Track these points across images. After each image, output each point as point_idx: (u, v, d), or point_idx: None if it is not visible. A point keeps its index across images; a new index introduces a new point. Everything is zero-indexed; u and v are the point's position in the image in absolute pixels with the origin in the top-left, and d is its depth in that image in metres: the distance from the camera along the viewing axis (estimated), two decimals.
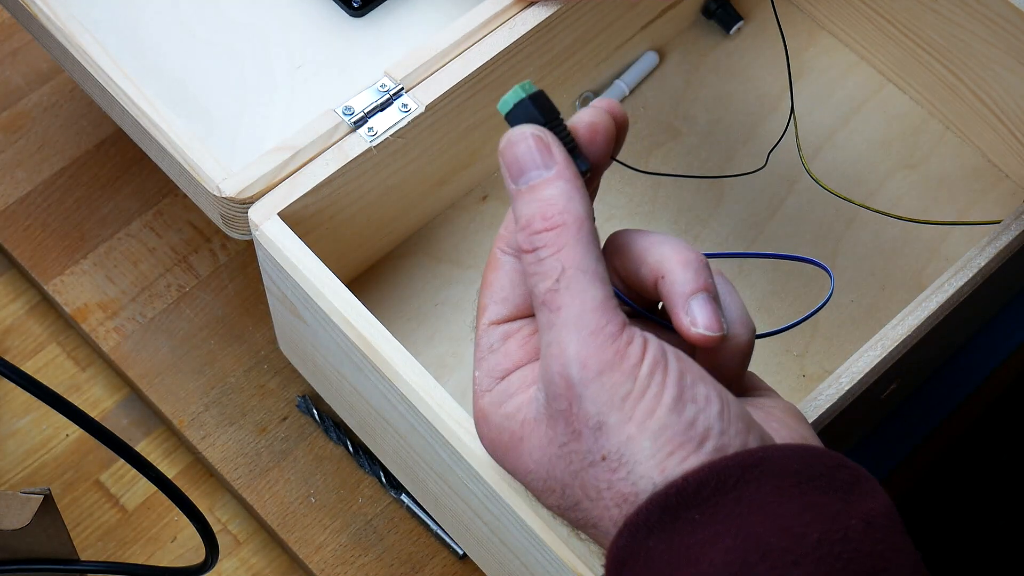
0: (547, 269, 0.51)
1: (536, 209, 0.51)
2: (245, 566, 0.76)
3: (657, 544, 0.48)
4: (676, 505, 0.48)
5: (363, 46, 0.75)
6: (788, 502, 0.48)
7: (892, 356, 0.65)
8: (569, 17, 0.75)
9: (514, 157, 0.52)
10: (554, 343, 0.50)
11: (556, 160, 0.52)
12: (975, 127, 0.83)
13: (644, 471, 0.49)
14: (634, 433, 0.49)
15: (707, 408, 0.49)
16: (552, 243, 0.51)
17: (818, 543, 0.47)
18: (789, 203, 0.82)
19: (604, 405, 0.49)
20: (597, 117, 0.54)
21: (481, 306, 0.55)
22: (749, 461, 0.48)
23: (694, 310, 0.52)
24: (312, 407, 0.78)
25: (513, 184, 0.52)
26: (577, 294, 0.50)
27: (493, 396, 0.53)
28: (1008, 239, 0.68)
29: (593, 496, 0.50)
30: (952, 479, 0.98)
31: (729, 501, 0.48)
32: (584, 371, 0.49)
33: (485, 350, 0.54)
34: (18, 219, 0.83)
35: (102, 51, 0.70)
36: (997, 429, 0.97)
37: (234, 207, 0.67)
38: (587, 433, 0.49)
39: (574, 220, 0.51)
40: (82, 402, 0.80)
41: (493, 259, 0.55)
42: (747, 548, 0.47)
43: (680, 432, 0.49)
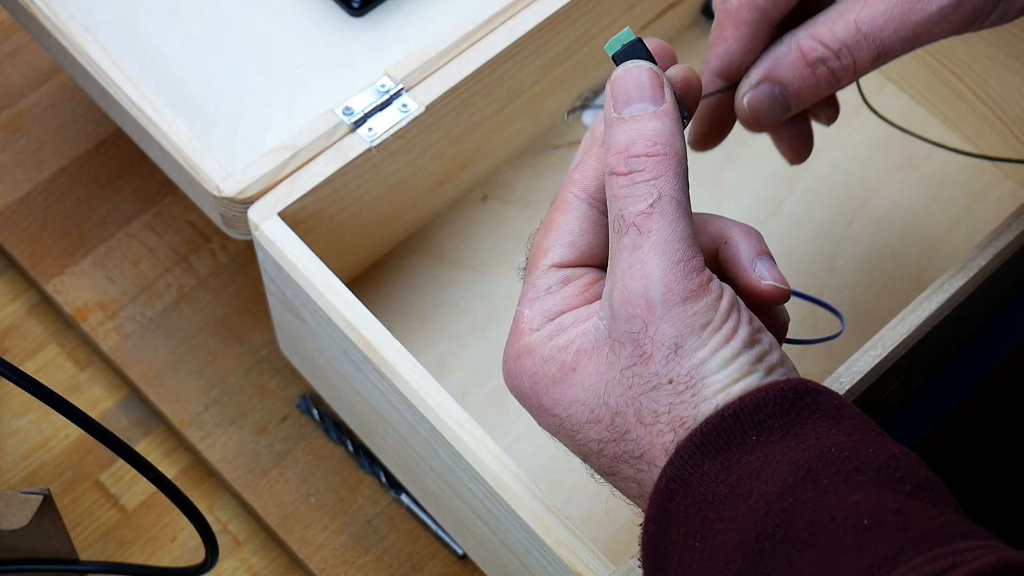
0: (642, 192, 0.51)
1: (640, 135, 0.52)
2: (245, 566, 0.76)
3: (712, 466, 0.48)
4: (732, 426, 0.49)
5: (363, 46, 0.75)
6: (839, 425, 0.49)
7: (892, 356, 0.65)
8: (569, 17, 0.75)
9: (626, 86, 0.53)
10: (637, 264, 0.50)
11: (666, 99, 0.52)
12: (975, 127, 0.83)
13: (710, 393, 0.50)
14: (707, 357, 0.50)
15: (772, 352, 0.51)
16: (651, 169, 0.51)
17: (874, 455, 0.48)
18: (789, 203, 0.82)
19: (684, 329, 0.50)
20: (689, 73, 0.55)
21: (542, 247, 0.54)
22: (802, 388, 0.50)
23: (761, 268, 0.54)
24: (312, 407, 0.78)
25: (615, 112, 0.53)
26: (669, 222, 0.51)
27: (545, 331, 0.53)
28: (1008, 239, 0.68)
29: (649, 420, 0.50)
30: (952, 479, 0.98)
31: (785, 423, 0.49)
32: (669, 295, 0.50)
33: (542, 290, 0.54)
34: (18, 219, 0.83)
35: (102, 51, 0.70)
36: (997, 429, 0.97)
37: (234, 207, 0.67)
38: (659, 355, 0.50)
39: (675, 153, 0.51)
40: (82, 402, 0.80)
41: (563, 203, 0.55)
42: (809, 457, 0.48)
43: (750, 363, 0.50)
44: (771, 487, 0.47)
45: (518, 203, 0.82)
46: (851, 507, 0.46)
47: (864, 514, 0.46)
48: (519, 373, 0.54)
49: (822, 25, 0.57)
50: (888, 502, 0.46)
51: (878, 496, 0.47)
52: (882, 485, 0.47)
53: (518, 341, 0.54)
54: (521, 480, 0.61)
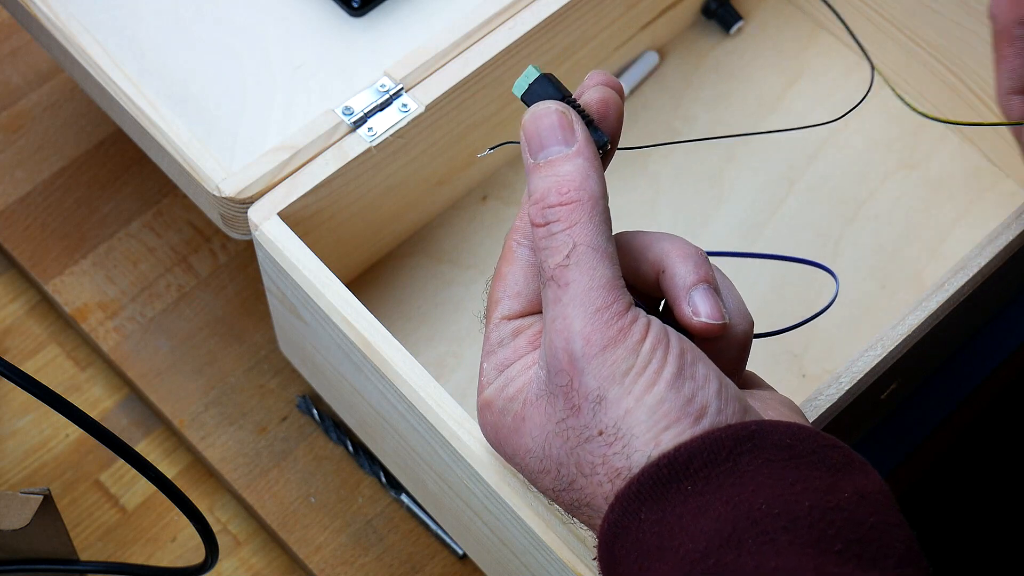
0: (558, 244, 0.51)
1: (552, 184, 0.51)
2: (245, 566, 0.76)
3: (648, 515, 0.48)
4: (667, 476, 0.48)
5: (363, 46, 0.75)
6: (780, 472, 0.48)
7: (892, 356, 0.65)
8: (569, 17, 0.75)
9: (535, 131, 0.52)
10: (559, 318, 0.50)
11: (577, 137, 0.52)
12: (975, 127, 0.83)
13: (639, 444, 0.49)
14: (632, 407, 0.49)
15: (706, 387, 0.50)
16: (565, 218, 0.51)
17: (809, 510, 0.47)
18: (789, 203, 0.82)
19: (605, 380, 0.50)
20: (606, 93, 0.54)
21: (494, 299, 0.55)
22: (742, 434, 0.49)
23: (695, 300, 0.53)
24: (312, 407, 0.78)
25: (531, 158, 0.52)
26: (586, 271, 0.50)
27: (497, 384, 0.54)
28: (1008, 239, 0.68)
29: (587, 472, 0.50)
30: (953, 478, 0.98)
31: (721, 472, 0.48)
32: (588, 346, 0.50)
33: (495, 344, 0.54)
34: (18, 219, 0.83)
35: (102, 51, 0.70)
36: (997, 428, 0.97)
37: (234, 207, 0.67)
38: (586, 407, 0.50)
39: (589, 197, 0.51)
40: (82, 402, 0.80)
41: (508, 251, 0.55)
42: (738, 515, 0.47)
43: (678, 407, 0.49)
44: (697, 545, 0.47)
45: (518, 203, 0.82)
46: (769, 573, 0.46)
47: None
48: (484, 425, 0.55)
49: None
50: (807, 568, 0.46)
51: (798, 560, 0.46)
52: (809, 546, 0.47)
53: (480, 395, 0.55)
54: (521, 480, 0.61)
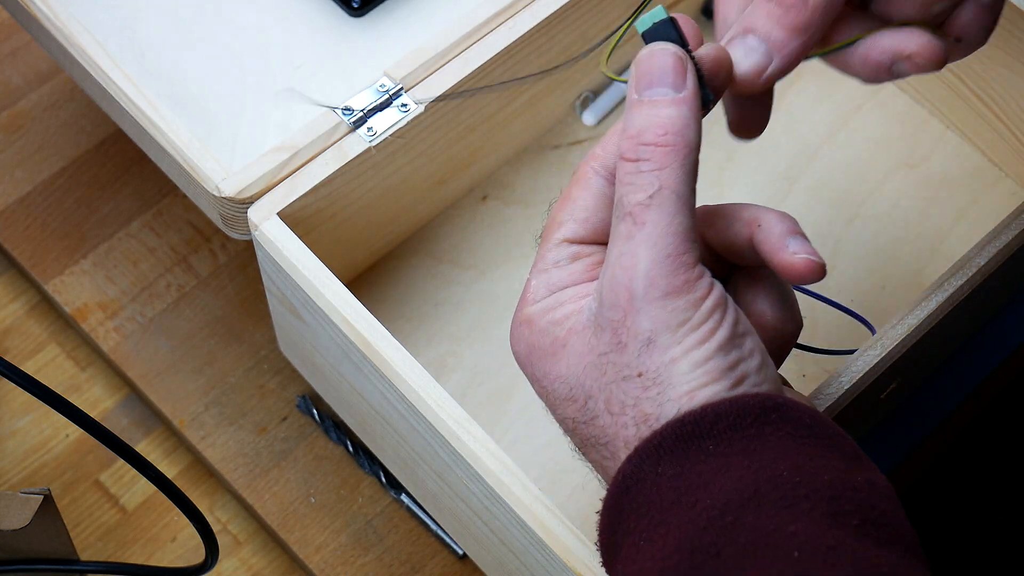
0: (644, 182, 0.51)
1: (653, 122, 0.52)
2: (245, 566, 0.76)
3: (667, 469, 0.49)
4: (691, 433, 0.49)
5: (363, 46, 0.75)
6: (801, 447, 0.49)
7: (892, 356, 0.65)
8: (569, 17, 0.75)
9: (649, 68, 0.52)
10: (628, 254, 0.51)
11: (687, 86, 0.52)
12: (975, 127, 0.83)
13: (674, 395, 0.50)
14: (678, 356, 0.50)
15: (750, 359, 0.51)
16: (657, 159, 0.51)
17: (829, 484, 0.48)
18: (789, 203, 0.82)
19: (659, 324, 0.50)
20: (722, 54, 0.55)
21: (557, 220, 0.55)
22: (768, 404, 0.50)
23: (794, 244, 0.53)
24: (312, 407, 0.78)
25: (636, 94, 0.52)
26: (666, 215, 0.51)
27: (545, 303, 0.54)
28: (1008, 239, 0.68)
29: (616, 411, 0.51)
30: (953, 478, 0.98)
31: (745, 437, 0.49)
32: (650, 288, 0.50)
33: (550, 263, 0.54)
34: (18, 219, 0.83)
35: (102, 51, 0.70)
36: (997, 428, 0.97)
37: (234, 207, 0.67)
38: (633, 346, 0.50)
39: (685, 144, 0.51)
40: (82, 402, 0.80)
41: (582, 176, 0.55)
42: (759, 479, 0.48)
43: (720, 369, 0.50)
44: (716, 501, 0.47)
45: (518, 203, 0.82)
46: (787, 536, 0.46)
47: (797, 545, 0.46)
48: (518, 340, 0.54)
49: None
50: (825, 536, 0.46)
51: (817, 528, 0.46)
52: (827, 516, 0.47)
53: (522, 309, 0.54)
54: (521, 480, 0.61)
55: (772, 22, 0.55)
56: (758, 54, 0.55)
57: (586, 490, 0.74)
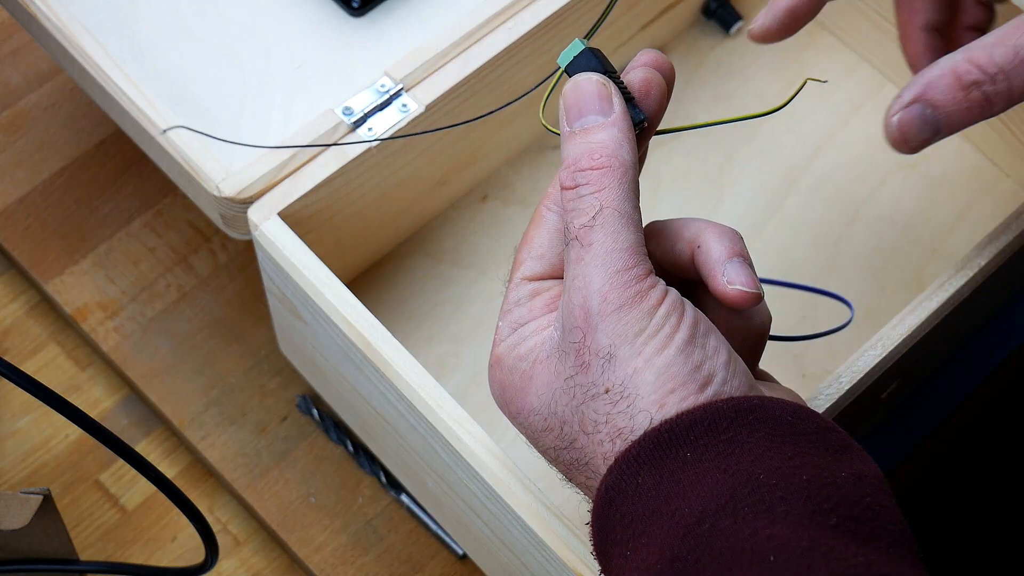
0: (585, 206, 0.52)
1: (585, 149, 0.53)
2: (245, 566, 0.76)
3: (646, 479, 0.49)
4: (668, 441, 0.49)
5: (363, 46, 0.75)
6: (779, 446, 0.49)
7: (892, 356, 0.66)
8: (569, 17, 0.75)
9: (575, 100, 0.54)
10: (579, 276, 0.51)
11: (615, 109, 0.53)
12: (975, 127, 0.83)
13: (644, 405, 0.50)
14: (640, 367, 0.50)
15: (715, 357, 0.51)
16: (595, 182, 0.52)
17: (807, 483, 0.48)
18: (789, 203, 0.82)
19: (617, 338, 0.50)
20: (649, 74, 0.56)
21: (518, 260, 0.56)
22: (744, 406, 0.50)
23: (730, 271, 0.54)
24: (312, 407, 0.78)
25: (568, 126, 0.54)
26: (610, 233, 0.52)
27: (509, 341, 0.55)
28: (1008, 239, 0.68)
29: (590, 430, 0.51)
30: (953, 478, 0.98)
31: (721, 441, 0.49)
32: (604, 304, 0.51)
33: (512, 303, 0.55)
34: (18, 219, 0.83)
35: (102, 51, 0.70)
36: (997, 428, 0.97)
37: (234, 207, 0.67)
38: (596, 364, 0.51)
39: (620, 164, 0.52)
40: (82, 402, 0.80)
41: (538, 216, 0.56)
42: (736, 483, 0.48)
43: (685, 373, 0.50)
44: (693, 509, 0.48)
45: (518, 203, 0.82)
46: (762, 541, 0.46)
47: (773, 550, 0.46)
48: (492, 382, 0.55)
49: (980, 49, 0.56)
50: (802, 538, 0.46)
51: (794, 530, 0.47)
52: (804, 517, 0.47)
53: (493, 352, 0.55)
54: (521, 480, 0.61)
55: None
56: None
57: None
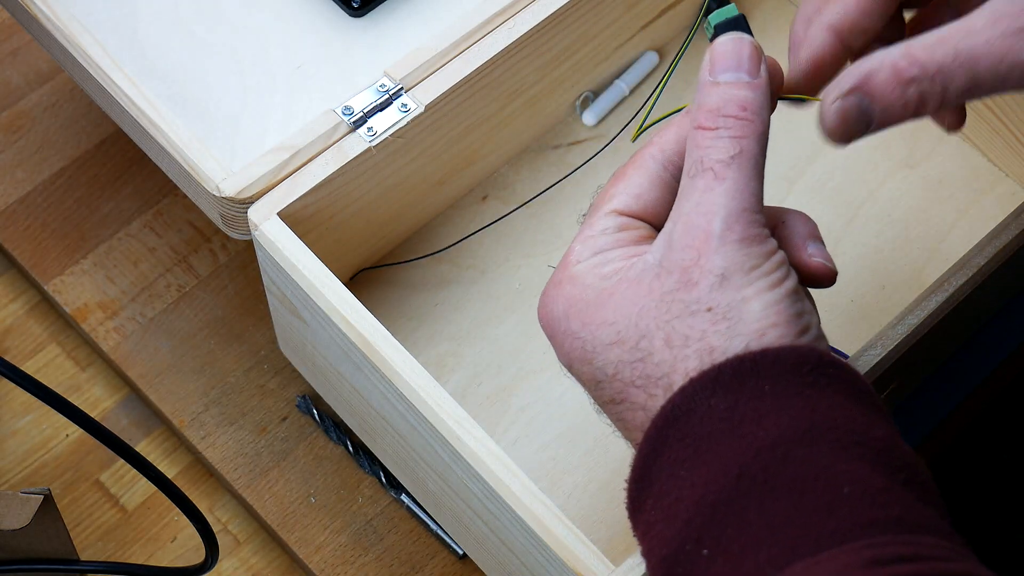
0: (725, 144, 0.53)
1: (731, 98, 0.53)
2: (245, 566, 0.76)
3: (719, 403, 0.50)
4: (749, 371, 0.50)
5: (363, 46, 0.75)
6: (855, 405, 0.50)
7: (892, 356, 0.65)
8: (569, 17, 0.75)
9: (726, 53, 0.54)
10: (706, 203, 0.52)
11: (762, 75, 0.54)
12: (975, 127, 0.83)
13: (743, 329, 0.51)
14: (750, 296, 0.51)
15: (812, 314, 0.53)
16: (738, 129, 0.53)
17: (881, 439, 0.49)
18: (789, 203, 0.82)
19: (734, 264, 0.51)
20: (774, 64, 0.57)
21: (608, 194, 0.56)
22: (828, 360, 0.51)
23: (812, 247, 0.56)
24: (312, 407, 0.78)
25: (711, 76, 0.54)
26: (745, 174, 0.52)
27: (591, 261, 0.55)
28: (1008, 239, 0.68)
29: (678, 344, 0.51)
30: (953, 478, 0.98)
31: (802, 383, 0.50)
32: (728, 231, 0.52)
33: (598, 231, 0.56)
34: (18, 219, 0.83)
35: (102, 51, 0.70)
36: (997, 428, 0.97)
37: (234, 207, 0.67)
38: (705, 283, 0.51)
39: (763, 123, 0.53)
40: (82, 402, 0.80)
41: (640, 159, 0.57)
42: (814, 420, 0.49)
43: (789, 314, 0.51)
44: (769, 434, 0.48)
45: (518, 203, 0.82)
46: (839, 473, 0.47)
47: (849, 483, 0.47)
48: (556, 298, 0.55)
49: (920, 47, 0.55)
50: (876, 480, 0.47)
51: (869, 471, 0.47)
52: (880, 465, 0.48)
53: (564, 270, 0.55)
54: (521, 480, 0.61)
55: None
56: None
57: (587, 490, 0.74)
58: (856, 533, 0.46)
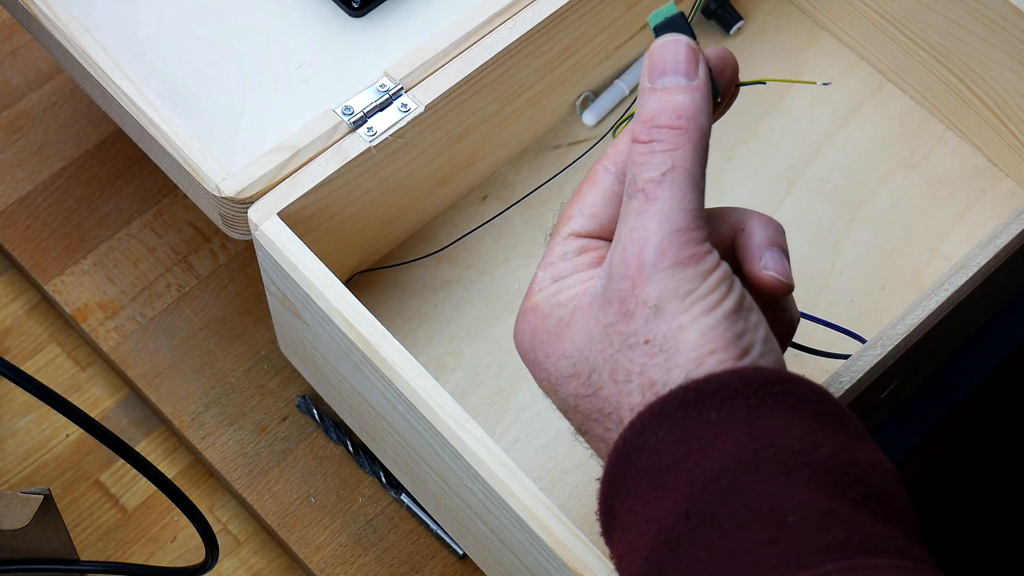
0: (656, 161, 0.52)
1: (666, 106, 0.53)
2: (245, 566, 0.76)
3: (667, 435, 0.49)
4: (693, 400, 0.49)
5: (363, 46, 0.75)
6: (803, 421, 0.49)
7: (892, 356, 0.65)
8: (569, 17, 0.75)
9: (663, 57, 0.54)
10: (639, 228, 0.51)
11: (699, 75, 0.53)
12: (975, 127, 0.83)
13: (681, 361, 0.50)
14: (686, 324, 0.50)
15: (755, 330, 0.51)
16: (670, 140, 0.52)
17: (829, 456, 0.48)
18: (789, 203, 0.82)
19: (667, 292, 0.51)
20: (726, 53, 0.56)
21: (568, 215, 0.56)
22: (773, 377, 0.50)
23: (768, 258, 0.55)
24: (312, 407, 0.78)
25: (649, 82, 0.53)
26: (678, 191, 0.52)
27: (550, 290, 0.55)
28: (1008, 239, 0.68)
29: (620, 379, 0.51)
30: (953, 478, 0.98)
31: (747, 407, 0.49)
32: (660, 258, 0.51)
33: (558, 256, 0.55)
34: (18, 219, 0.83)
35: (102, 51, 0.70)
36: (997, 428, 0.97)
37: (234, 207, 0.67)
38: (640, 314, 0.51)
39: (698, 128, 0.52)
40: (82, 402, 0.80)
41: (594, 174, 0.56)
42: (759, 446, 0.48)
43: (728, 338, 0.50)
44: (713, 465, 0.48)
45: (518, 203, 0.82)
46: (782, 501, 0.47)
47: (792, 511, 0.46)
48: (523, 329, 0.55)
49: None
50: (822, 503, 0.47)
51: (814, 495, 0.47)
52: (826, 486, 0.47)
53: (527, 300, 0.55)
54: (521, 480, 0.61)
55: None
56: None
57: (587, 490, 0.74)
58: (801, 563, 0.45)
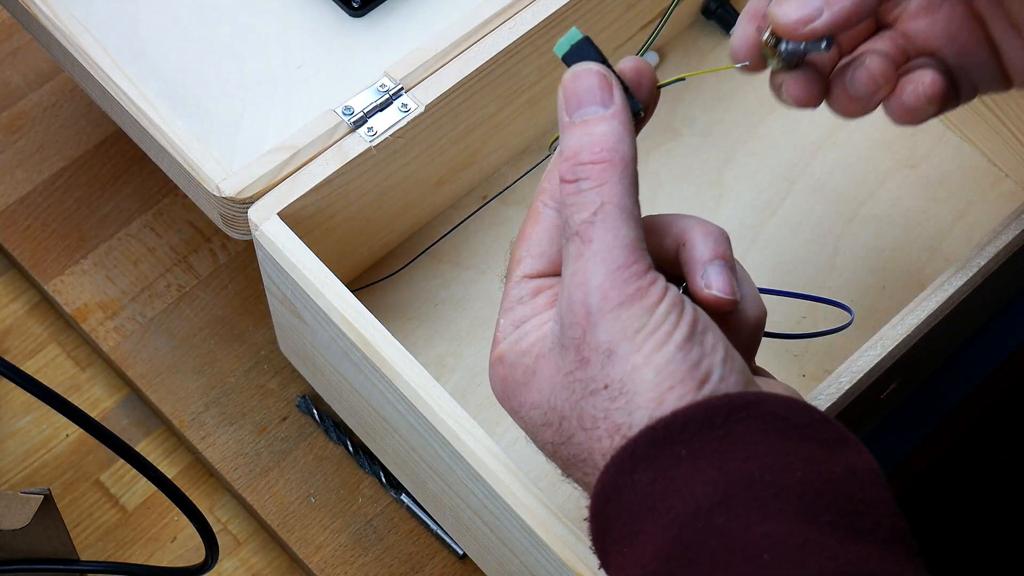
0: (586, 201, 0.51)
1: (586, 142, 0.52)
2: (245, 566, 0.76)
3: (641, 477, 0.49)
4: (663, 439, 0.49)
5: (363, 46, 0.75)
6: (773, 442, 0.49)
7: (892, 356, 0.66)
8: (569, 17, 0.75)
9: (575, 90, 0.53)
10: (579, 273, 0.51)
11: (615, 101, 0.53)
12: (975, 127, 0.83)
13: (642, 402, 0.50)
14: (640, 363, 0.50)
15: (712, 354, 0.51)
16: (595, 177, 0.52)
17: (801, 480, 0.48)
18: (789, 203, 0.82)
19: (617, 335, 0.50)
20: (640, 63, 0.55)
21: (516, 258, 0.56)
22: (737, 403, 0.50)
23: (709, 274, 0.54)
24: (312, 407, 0.78)
25: (567, 116, 0.53)
26: (611, 229, 0.51)
27: (512, 337, 0.54)
28: (1008, 239, 0.68)
29: (588, 426, 0.51)
30: (953, 479, 0.98)
31: (715, 438, 0.49)
32: (604, 301, 0.50)
33: (514, 300, 0.55)
34: (18, 219, 0.83)
35: (102, 51, 0.70)
36: (997, 428, 0.97)
37: (234, 207, 0.67)
38: (595, 360, 0.50)
39: (621, 159, 0.52)
40: (82, 402, 0.80)
41: (534, 212, 0.56)
42: (729, 480, 0.48)
43: (684, 370, 0.50)
44: (688, 507, 0.48)
45: (518, 203, 0.82)
46: (756, 538, 0.46)
47: (767, 548, 0.46)
48: (494, 379, 0.55)
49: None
50: (795, 535, 0.46)
51: (788, 527, 0.47)
52: (799, 514, 0.47)
53: (494, 349, 0.55)
54: (521, 480, 0.61)
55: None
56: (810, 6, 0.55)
57: None
58: None
